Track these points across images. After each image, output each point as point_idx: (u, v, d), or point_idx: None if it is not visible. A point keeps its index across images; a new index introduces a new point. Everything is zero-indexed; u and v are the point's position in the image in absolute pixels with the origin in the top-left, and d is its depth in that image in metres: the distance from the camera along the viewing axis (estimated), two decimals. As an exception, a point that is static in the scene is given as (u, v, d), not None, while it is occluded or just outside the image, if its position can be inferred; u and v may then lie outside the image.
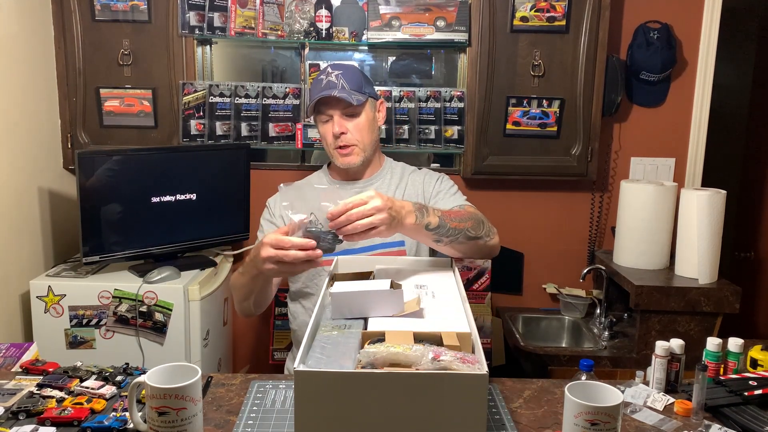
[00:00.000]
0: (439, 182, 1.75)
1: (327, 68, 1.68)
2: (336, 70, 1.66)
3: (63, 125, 2.36)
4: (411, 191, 1.72)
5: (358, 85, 1.66)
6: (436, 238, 1.40)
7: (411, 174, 1.78)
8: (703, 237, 2.16)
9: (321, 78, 1.67)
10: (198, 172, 2.19)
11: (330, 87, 1.62)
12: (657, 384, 1.33)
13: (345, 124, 1.64)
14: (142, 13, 2.30)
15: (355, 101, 1.61)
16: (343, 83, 1.63)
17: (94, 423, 1.13)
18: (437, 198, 1.70)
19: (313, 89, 1.68)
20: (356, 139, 1.66)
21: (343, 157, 1.67)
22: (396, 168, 1.80)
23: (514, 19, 2.34)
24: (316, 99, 1.63)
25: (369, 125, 1.68)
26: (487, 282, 2.54)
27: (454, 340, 1.01)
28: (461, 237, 1.43)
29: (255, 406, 1.23)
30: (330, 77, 1.64)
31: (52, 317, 1.97)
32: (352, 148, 1.66)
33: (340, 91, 1.61)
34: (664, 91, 2.51)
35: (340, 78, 1.64)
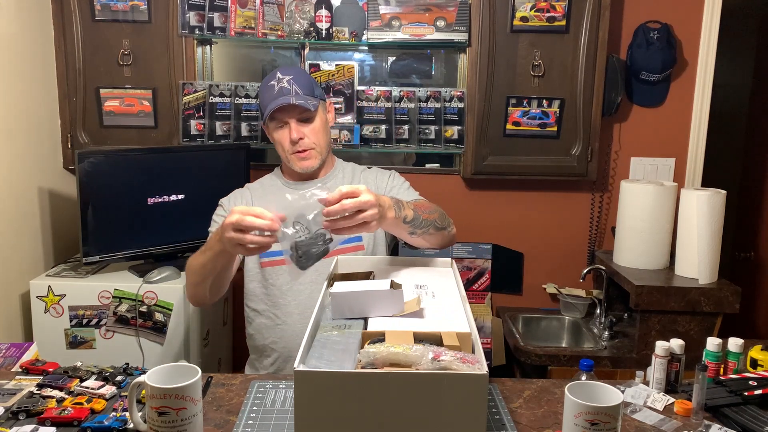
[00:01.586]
0: (391, 179, 1.77)
1: (276, 74, 1.68)
2: (286, 75, 1.66)
3: (63, 125, 2.36)
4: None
5: (309, 89, 1.67)
6: (410, 230, 1.44)
7: (362, 173, 1.80)
8: (703, 237, 2.16)
9: (272, 84, 1.66)
10: (198, 172, 2.19)
11: (283, 93, 1.64)
12: (657, 384, 1.33)
13: (301, 129, 1.67)
14: (142, 13, 2.30)
15: (312, 107, 1.63)
16: (296, 89, 1.64)
17: (94, 423, 1.13)
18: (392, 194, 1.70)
19: (265, 96, 1.68)
20: (313, 143, 1.68)
21: (302, 161, 1.69)
22: (347, 167, 1.82)
23: (514, 19, 2.34)
24: (274, 108, 1.63)
25: (323, 127, 1.71)
26: (487, 282, 2.55)
27: (454, 340, 1.01)
28: (431, 228, 1.49)
29: (255, 406, 1.23)
30: (282, 83, 1.65)
31: (52, 317, 1.97)
32: (310, 152, 1.68)
33: (297, 98, 1.62)
34: (664, 91, 2.51)
35: (293, 83, 1.65)
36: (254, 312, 1.72)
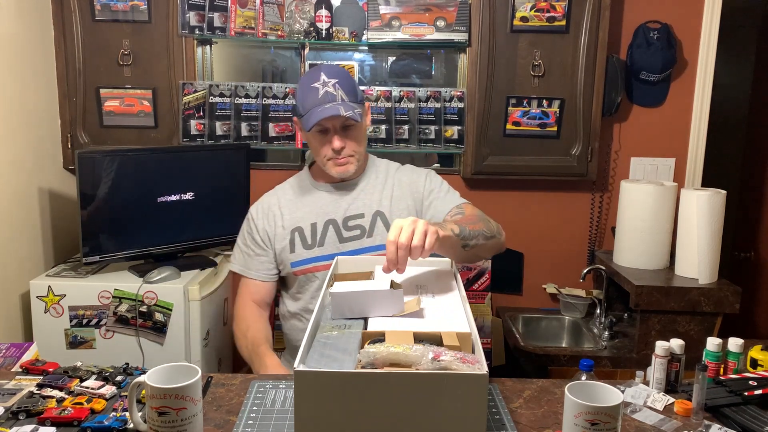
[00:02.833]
0: (428, 180, 1.68)
1: (321, 75, 1.56)
2: (331, 78, 1.55)
3: (63, 125, 2.36)
4: (398, 192, 1.66)
5: (354, 93, 1.58)
6: (464, 243, 1.38)
7: (396, 173, 1.71)
8: (703, 237, 2.16)
9: (315, 87, 1.55)
10: (198, 172, 2.19)
11: (330, 99, 1.53)
12: (657, 384, 1.33)
13: (344, 137, 1.58)
14: (142, 13, 2.30)
15: (359, 117, 1.55)
16: (342, 94, 1.54)
17: (94, 423, 1.13)
18: (431, 198, 1.64)
19: (308, 98, 1.56)
20: (353, 151, 1.60)
21: (339, 167, 1.61)
22: (381, 166, 1.73)
23: (514, 19, 2.34)
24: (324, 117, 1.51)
25: (364, 135, 1.64)
26: (487, 282, 2.54)
27: (454, 340, 1.01)
28: (481, 238, 1.43)
29: (255, 406, 1.23)
30: (327, 87, 1.54)
31: (52, 317, 1.97)
32: (349, 159, 1.61)
33: (345, 107, 1.52)
34: (664, 91, 2.51)
35: (338, 88, 1.54)
36: (289, 313, 1.72)
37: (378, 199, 1.65)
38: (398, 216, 1.61)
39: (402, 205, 1.64)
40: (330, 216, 1.64)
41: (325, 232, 1.63)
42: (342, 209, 1.65)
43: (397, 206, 1.64)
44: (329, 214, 1.65)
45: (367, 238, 1.61)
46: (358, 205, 1.65)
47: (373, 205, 1.64)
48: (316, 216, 1.65)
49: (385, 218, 1.62)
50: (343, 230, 1.63)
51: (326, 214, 1.65)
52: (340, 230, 1.63)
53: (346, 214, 1.64)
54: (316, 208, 1.66)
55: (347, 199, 1.66)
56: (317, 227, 1.64)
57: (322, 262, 1.61)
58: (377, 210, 1.63)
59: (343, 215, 1.64)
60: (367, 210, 1.64)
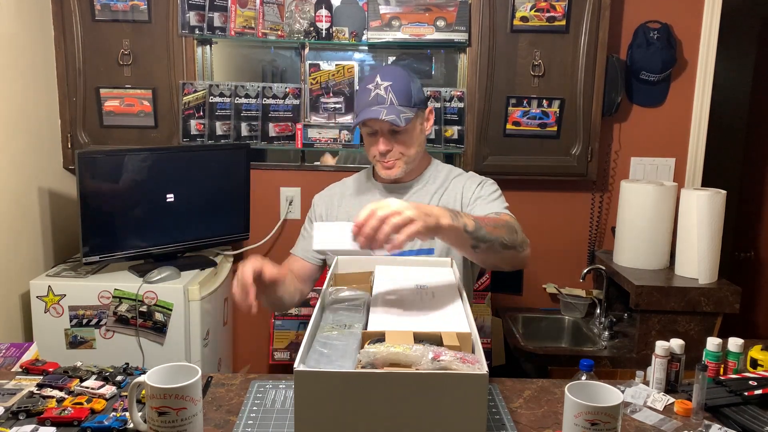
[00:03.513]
0: (480, 188, 1.65)
1: (376, 77, 1.57)
2: (385, 80, 1.56)
3: (63, 125, 2.36)
4: (448, 197, 1.66)
5: (407, 98, 1.56)
6: (473, 243, 1.32)
7: (454, 179, 1.69)
8: (703, 237, 2.16)
9: (369, 88, 1.57)
10: (198, 172, 2.19)
11: (378, 102, 1.54)
12: (657, 384, 1.33)
13: (391, 141, 1.58)
14: (142, 13, 2.30)
15: (403, 122, 1.53)
16: (392, 98, 1.54)
17: (94, 423, 1.13)
18: (475, 204, 1.62)
19: (361, 98, 1.59)
20: (401, 153, 1.60)
21: (386, 169, 1.62)
22: (441, 172, 1.71)
23: (514, 19, 2.34)
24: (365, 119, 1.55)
25: (415, 139, 1.61)
26: (487, 282, 2.54)
27: (454, 340, 1.01)
28: (497, 245, 1.36)
29: (255, 406, 1.23)
30: (379, 90, 1.55)
31: (52, 317, 1.97)
32: (395, 162, 1.61)
33: (389, 111, 1.52)
34: (664, 91, 2.51)
35: (389, 92, 1.54)
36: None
37: (427, 203, 1.61)
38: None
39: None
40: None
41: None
42: None
43: None
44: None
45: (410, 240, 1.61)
46: None
47: None
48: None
49: None
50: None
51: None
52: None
53: None
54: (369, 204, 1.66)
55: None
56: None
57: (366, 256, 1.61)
58: None
59: None
60: None
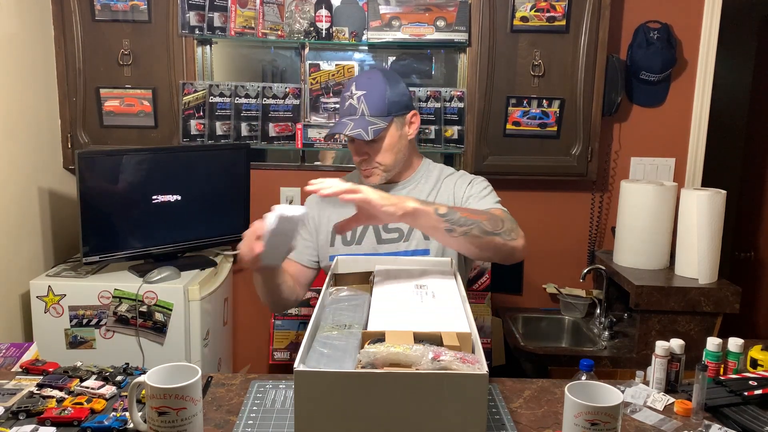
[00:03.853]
0: (470, 186, 1.66)
1: (352, 86, 1.57)
2: (359, 90, 1.56)
3: (63, 125, 2.36)
4: (442, 197, 1.66)
5: (380, 108, 1.55)
6: (448, 227, 1.31)
7: (446, 178, 1.69)
8: (703, 237, 2.16)
9: (345, 96, 1.58)
10: (198, 172, 2.19)
11: (349, 113, 1.55)
12: (657, 384, 1.33)
13: (365, 149, 1.58)
14: (142, 13, 2.30)
15: (371, 134, 1.52)
16: (363, 108, 1.54)
17: (94, 423, 1.13)
18: (467, 203, 1.62)
19: (340, 106, 1.62)
20: (377, 162, 1.59)
21: (365, 177, 1.63)
22: (432, 172, 1.71)
23: (514, 19, 2.34)
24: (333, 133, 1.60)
25: (391, 147, 1.59)
26: (487, 282, 2.54)
27: (454, 340, 1.01)
28: (475, 229, 1.35)
29: (255, 406, 1.23)
30: (352, 100, 1.55)
31: (52, 317, 1.97)
32: (373, 170, 1.61)
33: (357, 124, 1.53)
34: (664, 91, 2.51)
35: (362, 102, 1.54)
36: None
37: None
38: None
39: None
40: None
41: (364, 231, 1.64)
42: None
43: None
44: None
45: (403, 242, 1.61)
46: None
47: None
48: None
49: None
50: (382, 231, 1.63)
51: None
52: (379, 231, 1.63)
53: None
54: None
55: None
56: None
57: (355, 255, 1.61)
58: None
59: None
60: None
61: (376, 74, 1.63)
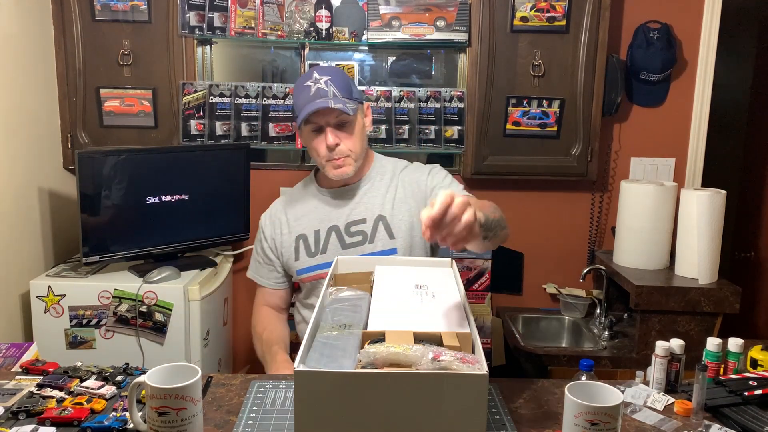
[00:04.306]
0: (430, 176, 1.66)
1: (314, 73, 1.57)
2: (324, 75, 1.56)
3: (63, 125, 2.36)
4: (401, 194, 1.65)
5: (348, 90, 1.57)
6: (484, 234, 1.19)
7: (401, 173, 1.69)
8: (703, 237, 2.16)
9: (308, 85, 1.55)
10: (198, 172, 2.19)
11: (321, 95, 1.53)
12: (657, 384, 1.33)
13: (338, 134, 1.56)
14: (142, 13, 2.30)
15: (351, 111, 1.52)
16: (333, 90, 1.53)
17: (94, 423, 1.13)
18: (434, 195, 1.61)
19: (300, 97, 1.57)
20: (349, 150, 1.58)
21: (336, 168, 1.59)
22: (386, 167, 1.71)
23: (514, 19, 2.34)
24: (312, 111, 1.52)
25: (360, 133, 1.60)
26: (487, 282, 2.54)
27: (454, 340, 1.01)
28: (499, 229, 1.28)
29: (255, 406, 1.23)
30: (319, 84, 1.54)
31: (52, 317, 1.97)
32: (345, 159, 1.58)
33: (335, 101, 1.51)
34: (664, 91, 2.51)
35: (330, 84, 1.54)
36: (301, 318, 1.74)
37: (380, 203, 1.64)
38: (399, 219, 1.61)
39: (404, 208, 1.63)
40: (332, 222, 1.64)
41: (327, 239, 1.63)
42: (344, 215, 1.64)
43: (399, 209, 1.63)
44: (332, 220, 1.65)
45: (368, 243, 1.61)
46: (360, 210, 1.64)
47: (375, 210, 1.63)
48: (319, 222, 1.65)
49: (386, 222, 1.62)
50: (345, 236, 1.62)
51: (329, 221, 1.65)
52: (342, 236, 1.62)
53: (348, 219, 1.64)
54: (319, 214, 1.66)
55: (350, 205, 1.66)
56: (320, 234, 1.64)
57: (327, 269, 1.59)
58: (379, 214, 1.63)
59: (345, 221, 1.64)
60: (369, 215, 1.63)
61: (333, 66, 1.66)
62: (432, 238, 1.02)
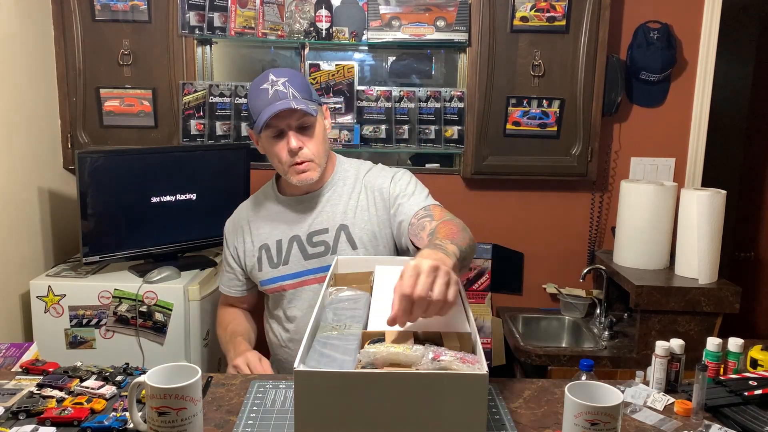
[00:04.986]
0: (393, 184, 1.58)
1: (269, 75, 1.50)
2: (281, 77, 1.49)
3: (63, 125, 2.36)
4: (363, 201, 1.58)
5: (307, 92, 1.51)
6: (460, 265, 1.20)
7: (365, 177, 1.62)
8: (703, 237, 2.16)
9: (265, 87, 1.48)
10: (198, 172, 2.19)
11: (280, 97, 1.46)
12: (657, 384, 1.33)
13: (301, 138, 1.50)
14: (142, 13, 2.30)
15: (313, 112, 1.47)
16: (293, 92, 1.47)
17: (94, 423, 1.13)
18: (398, 203, 1.54)
19: (258, 101, 1.49)
20: (312, 154, 1.51)
21: (299, 174, 1.52)
22: (349, 172, 1.64)
23: (514, 19, 2.34)
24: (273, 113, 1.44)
25: (322, 136, 1.55)
26: (487, 282, 2.54)
27: (454, 340, 1.01)
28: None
29: (255, 406, 1.23)
30: (277, 86, 1.47)
31: (52, 317, 1.97)
32: (309, 164, 1.51)
33: (297, 102, 1.45)
34: (664, 91, 2.51)
35: (288, 86, 1.47)
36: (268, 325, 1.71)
37: (342, 211, 1.58)
38: (361, 228, 1.55)
39: (365, 217, 1.56)
40: (294, 232, 1.59)
41: (290, 249, 1.58)
42: (306, 224, 1.59)
43: (361, 218, 1.56)
44: (294, 230, 1.59)
45: (330, 254, 1.54)
46: (322, 219, 1.58)
47: (336, 219, 1.57)
48: (281, 232, 1.60)
49: (348, 231, 1.56)
50: (307, 246, 1.57)
51: (291, 231, 1.59)
52: (304, 247, 1.57)
53: (310, 229, 1.58)
54: (281, 224, 1.61)
55: (312, 214, 1.59)
56: (282, 244, 1.59)
57: (289, 280, 1.58)
58: (341, 224, 1.56)
59: (307, 231, 1.58)
60: (331, 224, 1.57)
61: (287, 68, 1.66)
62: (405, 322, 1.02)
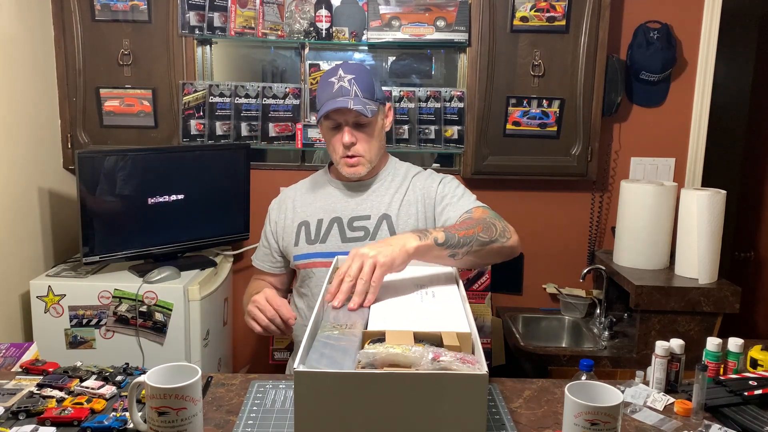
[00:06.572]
0: (442, 186, 1.66)
1: (339, 70, 1.58)
2: (348, 73, 1.56)
3: (63, 125, 2.36)
4: (410, 197, 1.66)
5: (370, 91, 1.57)
6: (450, 252, 1.34)
7: (414, 177, 1.69)
8: (703, 237, 2.16)
9: (332, 81, 1.56)
10: (198, 172, 2.19)
11: (343, 93, 1.54)
12: (657, 384, 1.33)
13: (355, 134, 1.57)
14: (142, 13, 2.30)
15: (369, 113, 1.53)
16: (356, 90, 1.54)
17: (94, 423, 1.13)
18: (444, 204, 1.62)
19: (323, 93, 1.58)
20: (365, 150, 1.59)
21: (350, 167, 1.60)
22: (399, 170, 1.71)
23: (514, 19, 2.34)
24: (331, 109, 1.53)
25: (378, 134, 1.62)
26: (487, 282, 2.54)
27: (454, 340, 1.01)
28: (475, 244, 1.37)
29: (255, 406, 1.23)
30: (342, 82, 1.55)
31: (52, 317, 1.97)
32: (359, 159, 1.59)
33: (355, 102, 1.52)
34: (664, 91, 2.51)
35: (353, 84, 1.54)
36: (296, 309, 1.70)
37: (388, 202, 1.64)
38: (404, 221, 1.61)
39: (411, 211, 1.63)
40: (337, 214, 1.64)
41: (329, 229, 1.63)
42: (350, 209, 1.64)
43: (406, 211, 1.63)
44: (337, 211, 1.65)
45: (369, 240, 1.60)
46: (366, 206, 1.64)
47: (381, 208, 1.63)
48: (323, 212, 1.66)
49: (391, 222, 1.61)
50: (347, 230, 1.62)
51: (333, 212, 1.65)
52: (344, 229, 1.62)
53: (353, 214, 1.64)
54: (325, 204, 1.67)
55: (357, 200, 1.66)
56: (323, 223, 1.64)
57: (322, 258, 1.61)
58: (384, 213, 1.62)
59: (350, 215, 1.64)
60: (374, 212, 1.63)
61: (359, 64, 1.67)
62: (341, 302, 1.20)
